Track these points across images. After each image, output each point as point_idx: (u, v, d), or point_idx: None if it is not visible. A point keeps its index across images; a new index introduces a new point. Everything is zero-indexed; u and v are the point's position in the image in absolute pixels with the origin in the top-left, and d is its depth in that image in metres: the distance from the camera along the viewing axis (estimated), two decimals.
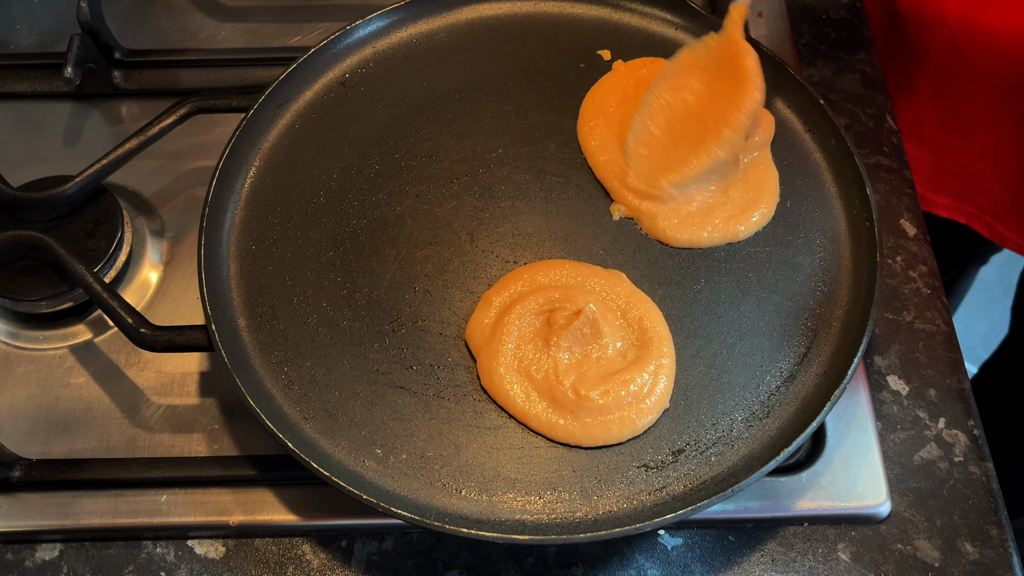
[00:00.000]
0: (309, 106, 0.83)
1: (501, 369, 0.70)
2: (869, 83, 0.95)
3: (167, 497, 0.72)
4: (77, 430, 0.75)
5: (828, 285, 0.75)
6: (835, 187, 0.80)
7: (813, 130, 0.82)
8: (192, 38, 0.97)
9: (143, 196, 0.86)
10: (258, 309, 0.74)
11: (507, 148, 0.81)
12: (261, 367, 0.71)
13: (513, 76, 0.85)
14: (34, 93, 0.92)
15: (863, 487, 0.73)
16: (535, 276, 0.74)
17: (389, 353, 0.72)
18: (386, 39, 0.87)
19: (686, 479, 0.68)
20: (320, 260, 0.76)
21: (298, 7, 1.00)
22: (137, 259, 0.82)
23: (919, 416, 0.78)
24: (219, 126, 0.90)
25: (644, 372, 0.69)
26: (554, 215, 0.78)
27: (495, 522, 0.66)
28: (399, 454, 0.68)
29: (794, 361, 0.72)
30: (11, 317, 0.79)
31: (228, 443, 0.74)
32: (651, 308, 0.73)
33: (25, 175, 0.82)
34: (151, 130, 0.80)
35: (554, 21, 0.88)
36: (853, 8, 1.01)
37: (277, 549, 0.71)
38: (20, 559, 0.70)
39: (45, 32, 0.97)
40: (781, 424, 0.69)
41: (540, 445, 0.69)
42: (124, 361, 0.78)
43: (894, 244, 0.86)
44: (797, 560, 0.72)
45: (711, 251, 0.77)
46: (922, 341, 0.81)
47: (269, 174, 0.80)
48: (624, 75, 0.83)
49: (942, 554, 0.72)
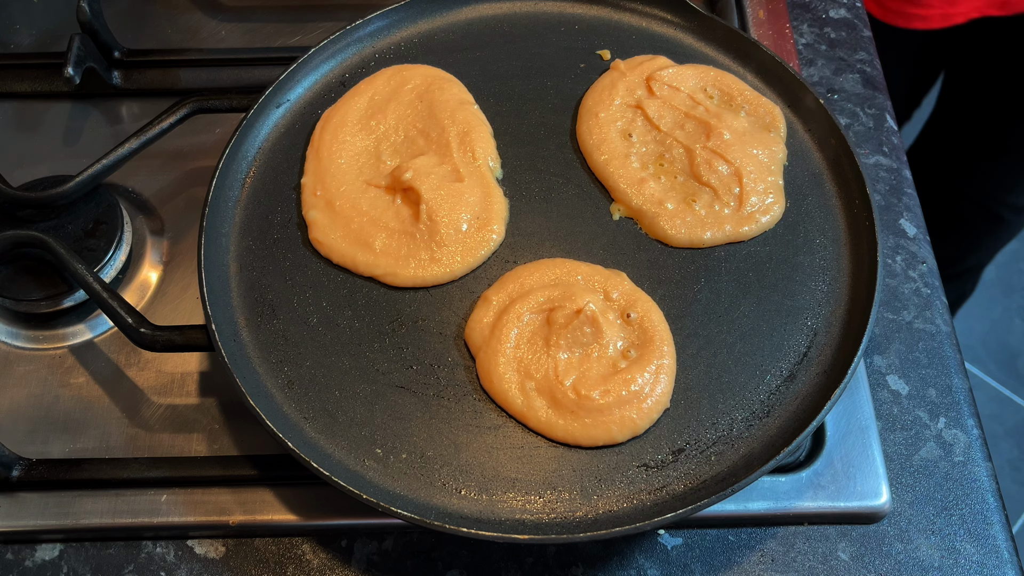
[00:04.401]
0: (309, 106, 0.83)
1: (500, 369, 0.70)
2: (869, 83, 0.95)
3: (167, 497, 0.72)
4: (77, 430, 0.75)
5: (828, 285, 0.75)
6: (835, 187, 0.80)
7: (813, 130, 0.82)
8: (192, 38, 0.97)
9: (143, 196, 0.86)
10: (258, 309, 0.74)
11: (507, 148, 0.81)
12: (261, 367, 0.71)
13: (513, 76, 0.85)
14: (34, 93, 0.92)
15: (863, 487, 0.73)
16: (535, 275, 0.74)
17: (389, 353, 0.72)
18: (386, 39, 0.87)
19: (686, 478, 0.68)
20: (320, 259, 0.76)
21: (298, 7, 1.00)
22: (137, 259, 0.82)
23: (919, 416, 0.78)
24: (219, 126, 0.90)
25: (645, 372, 0.69)
26: (554, 215, 0.78)
27: (495, 522, 0.66)
28: (399, 454, 0.68)
29: (794, 361, 0.72)
30: (11, 317, 0.79)
31: (228, 443, 0.74)
32: (651, 307, 0.73)
33: (25, 175, 0.83)
34: (151, 130, 0.80)
35: (554, 21, 0.88)
36: (853, 8, 1.01)
37: (277, 549, 0.71)
38: (20, 559, 0.70)
39: (45, 32, 0.97)
40: (781, 423, 0.69)
41: (540, 445, 0.69)
42: (124, 361, 0.78)
43: (894, 244, 0.86)
44: (797, 560, 0.72)
45: (711, 251, 0.77)
46: (922, 341, 0.81)
47: (269, 174, 0.80)
48: (623, 73, 0.83)
49: (942, 554, 0.72)
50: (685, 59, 0.85)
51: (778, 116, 0.82)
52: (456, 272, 0.75)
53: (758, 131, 0.81)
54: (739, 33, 0.86)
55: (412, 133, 0.80)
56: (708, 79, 0.83)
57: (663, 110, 0.81)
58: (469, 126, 0.80)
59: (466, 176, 0.77)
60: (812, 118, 0.82)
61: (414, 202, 0.76)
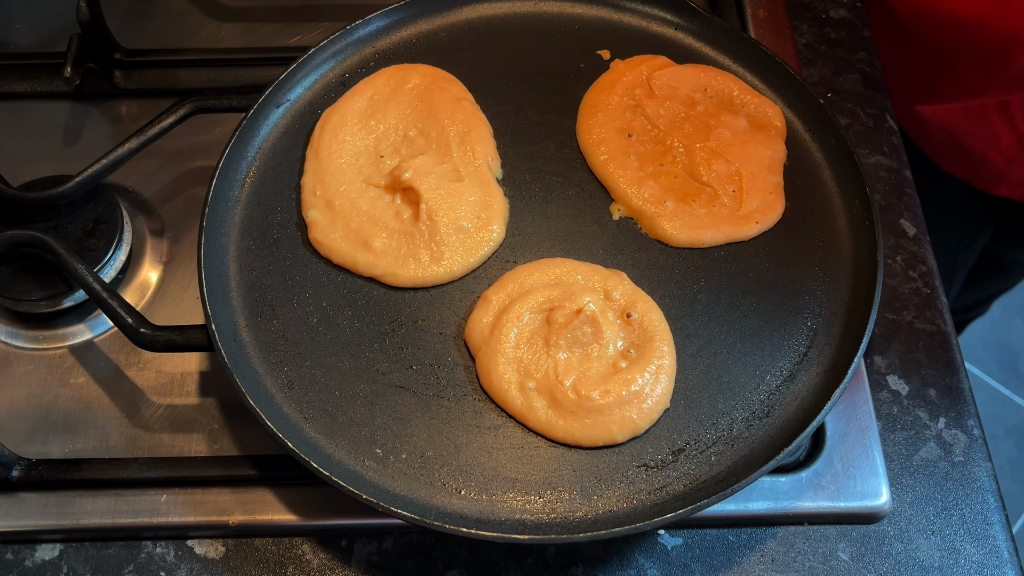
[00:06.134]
0: (309, 106, 0.83)
1: (500, 369, 0.70)
2: (869, 83, 0.95)
3: (167, 497, 0.71)
4: (77, 430, 0.75)
5: (828, 285, 0.75)
6: (835, 187, 0.80)
7: (813, 130, 0.82)
8: (192, 38, 0.97)
9: (143, 196, 0.86)
10: (258, 309, 0.74)
11: (507, 148, 0.81)
12: (261, 367, 0.71)
13: (513, 76, 0.85)
14: (34, 93, 0.92)
15: (863, 487, 0.73)
16: (534, 275, 0.74)
17: (389, 353, 0.72)
18: (386, 39, 0.87)
19: (686, 478, 0.68)
20: (320, 259, 0.76)
21: (298, 7, 1.00)
22: (137, 259, 0.82)
23: (919, 416, 0.78)
24: (219, 126, 0.90)
25: (645, 372, 0.69)
26: (554, 215, 0.78)
27: (495, 522, 0.66)
28: (399, 454, 0.68)
29: (794, 361, 0.72)
30: (11, 317, 0.79)
31: (228, 443, 0.74)
32: (651, 307, 0.73)
33: (25, 175, 0.82)
34: (151, 130, 0.80)
35: (554, 21, 0.88)
36: (853, 8, 1.01)
37: (277, 549, 0.71)
38: (20, 559, 0.70)
39: (45, 32, 0.97)
40: (781, 423, 0.69)
41: (540, 444, 0.69)
42: (124, 361, 0.78)
43: (894, 244, 0.86)
44: (797, 560, 0.72)
45: (711, 251, 0.77)
46: (922, 341, 0.81)
47: (269, 174, 0.80)
48: (622, 73, 0.83)
49: (942, 554, 0.72)
50: (685, 59, 0.85)
51: (778, 116, 0.82)
52: (456, 272, 0.75)
53: (758, 131, 0.81)
54: (739, 33, 0.86)
55: (412, 133, 0.80)
56: (708, 79, 0.83)
57: (663, 110, 0.81)
58: (469, 126, 0.80)
59: (466, 176, 0.77)
60: (812, 118, 0.82)
61: (414, 202, 0.76)
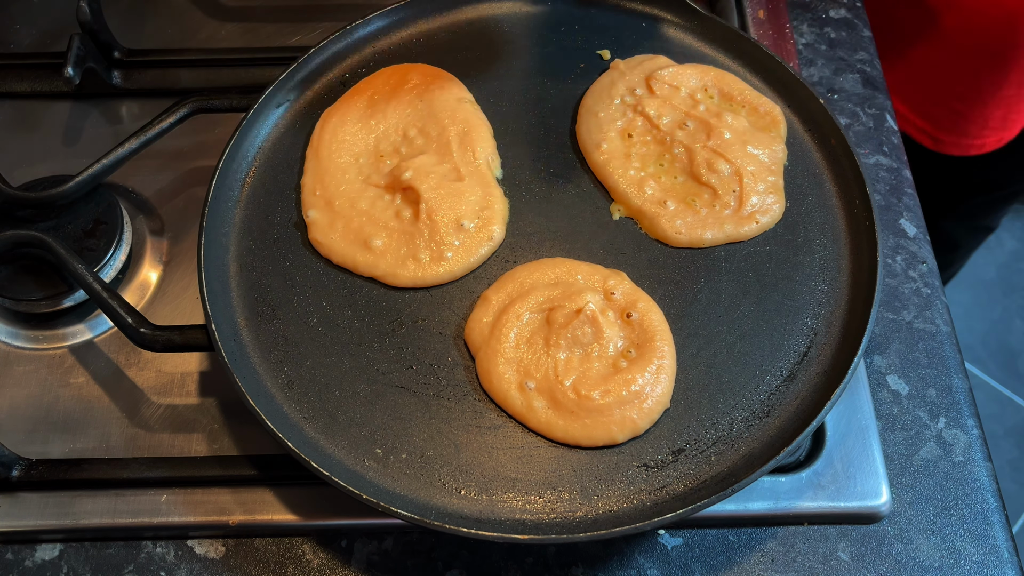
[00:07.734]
0: (309, 106, 0.83)
1: (500, 368, 0.70)
2: (869, 83, 0.95)
3: (167, 497, 0.71)
4: (77, 430, 0.75)
5: (828, 285, 0.75)
6: (835, 187, 0.80)
7: (813, 130, 0.82)
8: (192, 38, 0.97)
9: (143, 196, 0.86)
10: (258, 309, 0.74)
11: (507, 148, 0.81)
12: (261, 367, 0.71)
13: (513, 76, 0.85)
14: (34, 93, 0.92)
15: (863, 486, 0.73)
16: (534, 275, 0.74)
17: (389, 353, 0.72)
18: (386, 39, 0.87)
19: (686, 478, 0.68)
20: (320, 259, 0.76)
21: (298, 7, 1.00)
22: (137, 259, 0.82)
23: (919, 416, 0.78)
24: (219, 126, 0.90)
25: (645, 372, 0.69)
26: (554, 215, 0.78)
27: (495, 522, 0.66)
28: (399, 453, 0.68)
29: (794, 361, 0.72)
30: (11, 317, 0.79)
31: (228, 443, 0.74)
32: (651, 307, 0.73)
33: (25, 175, 0.83)
34: (151, 130, 0.80)
35: (554, 21, 0.88)
36: (853, 8, 1.01)
37: (277, 549, 0.71)
38: (20, 559, 0.70)
39: (45, 32, 0.97)
40: (781, 423, 0.69)
41: (540, 444, 0.69)
42: (124, 361, 0.78)
43: (894, 244, 0.86)
44: (797, 560, 0.72)
45: (711, 251, 0.77)
46: (922, 341, 0.81)
47: (269, 174, 0.80)
48: (623, 73, 0.83)
49: (942, 554, 0.72)
50: (685, 59, 0.85)
51: (778, 116, 0.82)
52: (456, 272, 0.75)
53: (758, 131, 0.81)
54: (739, 33, 0.86)
55: (412, 132, 0.80)
56: (708, 79, 0.83)
57: (663, 110, 0.81)
58: (469, 125, 0.80)
59: (466, 176, 0.77)
60: (812, 118, 0.82)
61: (414, 201, 0.76)
